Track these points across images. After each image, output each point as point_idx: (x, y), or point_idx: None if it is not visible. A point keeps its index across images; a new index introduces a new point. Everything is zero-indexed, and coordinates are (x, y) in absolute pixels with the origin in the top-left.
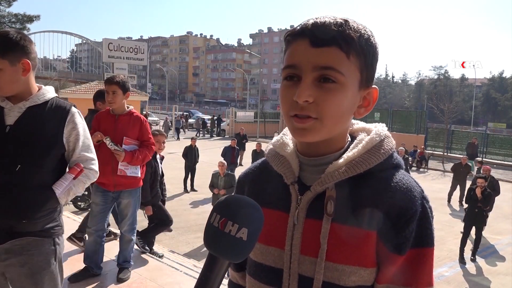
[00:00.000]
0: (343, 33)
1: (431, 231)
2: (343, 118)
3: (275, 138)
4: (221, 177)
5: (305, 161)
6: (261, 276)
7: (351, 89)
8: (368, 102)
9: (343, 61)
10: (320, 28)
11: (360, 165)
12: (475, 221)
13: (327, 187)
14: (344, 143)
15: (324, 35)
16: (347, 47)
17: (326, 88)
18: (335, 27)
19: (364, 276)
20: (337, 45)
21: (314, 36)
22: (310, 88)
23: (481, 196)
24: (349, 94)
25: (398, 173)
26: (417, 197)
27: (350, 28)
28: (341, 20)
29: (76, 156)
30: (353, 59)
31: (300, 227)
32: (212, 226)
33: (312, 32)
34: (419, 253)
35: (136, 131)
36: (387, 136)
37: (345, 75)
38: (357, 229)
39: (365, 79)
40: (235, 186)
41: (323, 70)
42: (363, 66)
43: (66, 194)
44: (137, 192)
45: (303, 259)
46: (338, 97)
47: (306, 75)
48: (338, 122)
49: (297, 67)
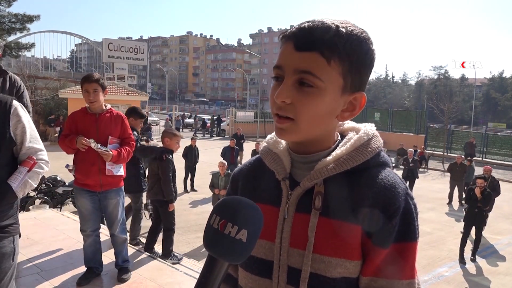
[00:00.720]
0: (327, 39)
1: (414, 227)
2: (320, 121)
3: (269, 136)
4: (222, 177)
5: (296, 158)
6: (253, 268)
7: (330, 94)
8: (353, 107)
9: (322, 67)
10: (305, 33)
11: (348, 162)
12: (475, 221)
13: (316, 183)
14: (333, 142)
15: (306, 40)
16: (328, 53)
17: (304, 91)
18: (321, 32)
19: (350, 268)
20: (318, 50)
21: (298, 40)
22: (289, 89)
23: (481, 196)
24: (327, 99)
25: (384, 171)
26: (400, 193)
27: (338, 34)
28: (331, 24)
29: (26, 148)
30: (334, 65)
31: (290, 221)
32: (211, 227)
33: (296, 36)
34: (402, 247)
35: (118, 129)
36: (375, 135)
37: (323, 81)
38: (343, 223)
39: (350, 84)
40: (229, 181)
41: (302, 74)
42: (346, 72)
43: (23, 187)
44: (122, 190)
45: (292, 252)
46: (314, 101)
47: (287, 77)
48: (315, 125)
49: (282, 68)
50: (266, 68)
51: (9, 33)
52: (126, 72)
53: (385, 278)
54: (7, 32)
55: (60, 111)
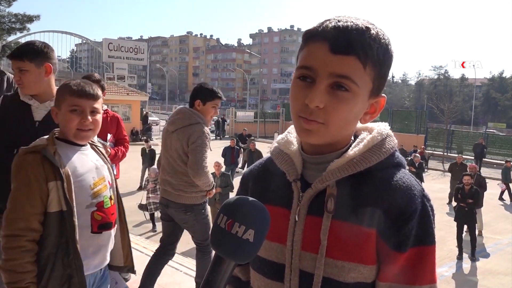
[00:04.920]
0: (364, 43)
1: (432, 229)
2: (349, 125)
3: (280, 136)
4: (217, 177)
5: (308, 159)
6: (265, 271)
7: (362, 98)
8: (374, 109)
9: (359, 72)
10: (342, 34)
11: (361, 163)
12: (466, 219)
13: (328, 185)
14: (348, 142)
15: (345, 42)
16: (365, 57)
17: (339, 96)
18: (357, 34)
19: (364, 273)
20: (356, 54)
21: (335, 42)
22: (323, 94)
23: (469, 193)
24: (359, 103)
25: (399, 172)
26: (417, 196)
27: (371, 37)
28: (362, 26)
29: None
30: (369, 70)
31: (301, 224)
32: (219, 227)
33: (333, 37)
34: (420, 251)
35: (114, 130)
36: (389, 135)
37: (359, 85)
38: (357, 227)
39: (376, 88)
40: (240, 182)
41: (339, 78)
42: (376, 76)
43: None
44: None
45: (304, 255)
46: (348, 106)
47: (320, 80)
48: (343, 129)
49: (313, 70)
50: (266, 68)
51: (9, 33)
52: (126, 72)
53: (405, 283)
54: (7, 32)
55: None
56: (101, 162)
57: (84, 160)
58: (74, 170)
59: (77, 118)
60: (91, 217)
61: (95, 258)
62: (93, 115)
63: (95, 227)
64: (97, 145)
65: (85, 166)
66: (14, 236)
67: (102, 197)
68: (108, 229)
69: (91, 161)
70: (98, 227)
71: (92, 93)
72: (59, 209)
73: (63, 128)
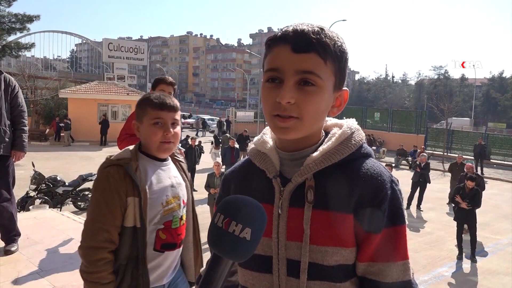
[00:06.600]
0: (321, 41)
1: (402, 211)
2: (320, 117)
3: (256, 138)
4: (217, 178)
5: (285, 156)
6: (252, 265)
7: (327, 91)
8: (340, 102)
9: (321, 66)
10: (301, 35)
11: (335, 155)
12: (467, 219)
13: (307, 178)
14: (320, 138)
15: (304, 42)
16: (324, 53)
17: (307, 90)
18: (314, 34)
19: (345, 255)
20: (316, 51)
21: (296, 42)
22: (292, 90)
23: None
24: (326, 96)
25: (369, 161)
26: (386, 181)
27: (326, 36)
28: (318, 28)
29: None
30: (329, 64)
31: (285, 216)
32: (216, 226)
33: (293, 38)
34: (393, 231)
35: None
36: (357, 129)
37: (323, 79)
38: (336, 213)
39: (338, 82)
40: (221, 184)
41: (304, 74)
42: (337, 70)
43: None
44: None
45: (290, 245)
46: (316, 98)
47: (288, 78)
48: (316, 121)
49: (280, 71)
50: None
51: (9, 33)
52: (126, 72)
53: (381, 261)
54: (7, 32)
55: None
56: (179, 179)
57: (162, 176)
58: (150, 186)
59: (160, 131)
60: (156, 235)
61: (151, 274)
62: (174, 127)
63: (158, 245)
64: (180, 160)
65: (161, 184)
66: (97, 248)
67: (172, 216)
68: (171, 249)
69: (169, 178)
70: (161, 246)
71: (173, 104)
72: (133, 225)
73: (146, 142)
